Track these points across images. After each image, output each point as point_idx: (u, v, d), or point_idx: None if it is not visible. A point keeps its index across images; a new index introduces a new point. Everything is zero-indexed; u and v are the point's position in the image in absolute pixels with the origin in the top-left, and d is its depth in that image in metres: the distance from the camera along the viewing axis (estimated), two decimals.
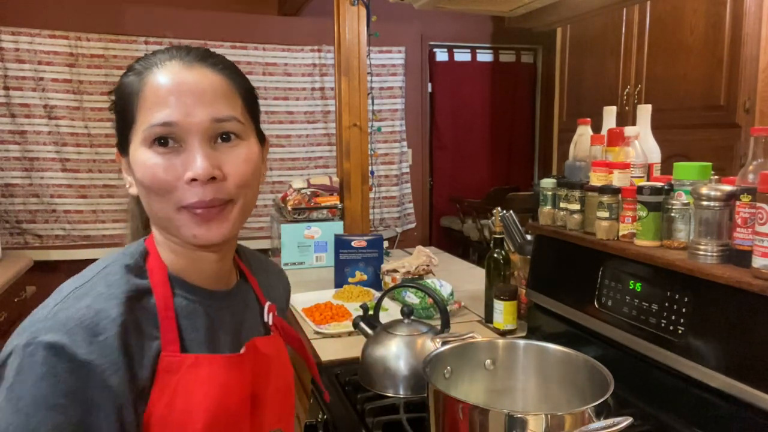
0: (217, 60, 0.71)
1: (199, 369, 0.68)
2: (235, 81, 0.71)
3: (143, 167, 0.66)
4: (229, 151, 0.68)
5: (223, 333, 0.74)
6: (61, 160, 3.54)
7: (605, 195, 1.18)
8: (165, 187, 0.66)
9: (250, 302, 0.82)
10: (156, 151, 0.66)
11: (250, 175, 0.70)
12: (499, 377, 1.03)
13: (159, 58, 0.68)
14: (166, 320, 0.68)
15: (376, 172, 4.13)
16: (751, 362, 0.88)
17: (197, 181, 0.65)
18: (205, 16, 3.75)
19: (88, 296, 0.64)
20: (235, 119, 0.69)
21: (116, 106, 0.71)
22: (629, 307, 1.12)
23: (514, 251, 1.72)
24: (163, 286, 0.70)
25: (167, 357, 0.66)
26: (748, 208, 0.91)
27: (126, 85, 0.69)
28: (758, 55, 2.46)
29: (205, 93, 0.67)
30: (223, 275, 0.77)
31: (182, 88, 0.66)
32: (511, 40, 4.71)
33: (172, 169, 0.66)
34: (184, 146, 0.66)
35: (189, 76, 0.67)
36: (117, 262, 0.70)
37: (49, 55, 3.45)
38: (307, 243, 2.45)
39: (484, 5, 1.91)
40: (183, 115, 0.65)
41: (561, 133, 3.86)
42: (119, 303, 0.65)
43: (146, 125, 0.66)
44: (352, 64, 2.54)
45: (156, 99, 0.66)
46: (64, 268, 3.47)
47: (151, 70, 0.67)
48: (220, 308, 0.75)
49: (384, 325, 1.26)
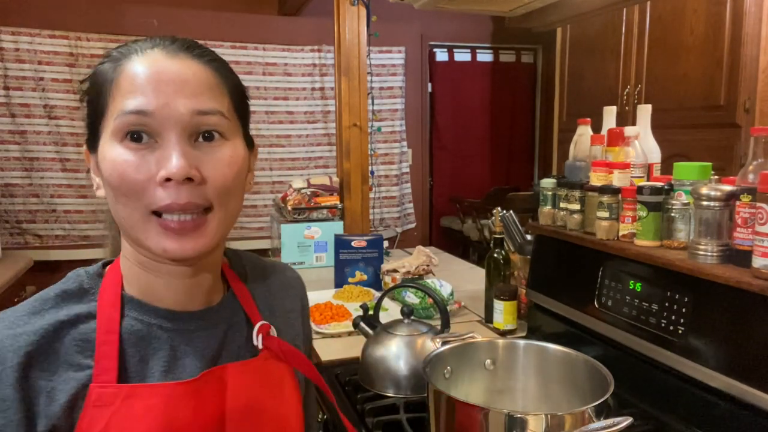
0: (204, 51, 0.64)
1: (135, 401, 0.59)
2: (224, 75, 0.64)
3: (112, 164, 0.58)
4: (210, 151, 0.61)
5: (192, 360, 0.65)
6: (61, 160, 3.54)
7: (605, 195, 1.18)
8: (134, 187, 0.58)
9: (237, 321, 0.71)
10: (127, 147, 0.58)
11: (232, 180, 0.62)
12: (499, 377, 1.03)
13: (140, 45, 0.61)
14: (104, 346, 0.60)
15: (376, 172, 4.14)
16: (751, 362, 0.88)
17: (171, 181, 0.57)
18: (205, 16, 3.75)
19: (1, 323, 0.59)
20: (219, 113, 0.61)
21: (88, 96, 0.63)
22: (629, 307, 1.12)
23: (514, 251, 1.72)
24: (111, 308, 0.62)
25: (97, 389, 0.58)
26: (748, 208, 0.91)
27: (100, 73, 0.61)
28: (758, 55, 2.46)
29: (187, 83, 0.59)
30: (197, 293, 0.67)
31: (162, 77, 0.59)
32: (511, 40, 4.71)
33: (144, 167, 0.58)
34: (160, 142, 0.58)
35: (171, 65, 0.60)
36: (54, 288, 0.63)
37: (49, 55, 3.45)
38: (307, 243, 2.45)
39: (484, 5, 1.91)
40: (160, 105, 0.58)
41: (561, 133, 3.86)
42: (31, 331, 0.58)
43: (117, 113, 0.58)
44: (352, 64, 2.54)
45: (131, 87, 0.58)
46: (64, 268, 3.42)
47: (130, 58, 0.60)
48: (187, 331, 0.66)
49: (384, 325, 1.26)
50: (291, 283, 0.83)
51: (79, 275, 0.66)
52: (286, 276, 0.83)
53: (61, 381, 0.58)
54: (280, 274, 0.82)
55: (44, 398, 0.57)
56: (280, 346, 0.72)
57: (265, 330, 0.72)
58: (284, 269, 0.85)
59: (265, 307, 0.76)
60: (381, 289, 1.97)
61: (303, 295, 0.85)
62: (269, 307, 0.77)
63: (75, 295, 0.63)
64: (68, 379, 0.58)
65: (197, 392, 0.63)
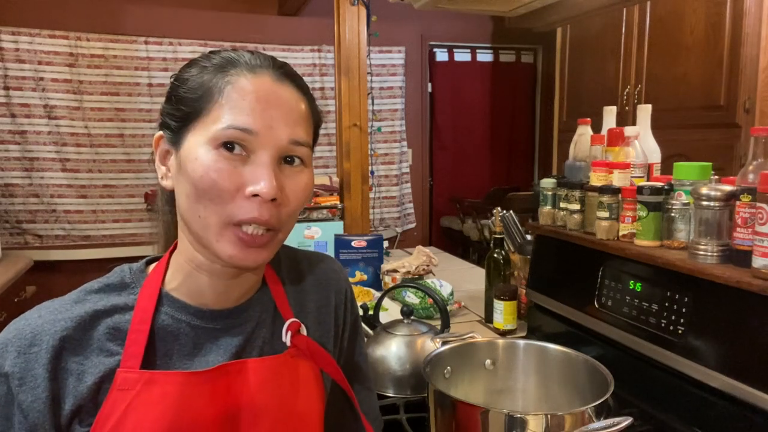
0: (301, 81, 0.69)
1: (154, 387, 0.63)
2: (313, 107, 0.70)
3: (204, 168, 0.61)
4: (292, 175, 0.65)
5: (215, 356, 0.68)
6: (61, 160, 3.54)
7: (605, 195, 1.18)
8: (222, 195, 0.61)
9: (266, 318, 0.73)
10: (222, 155, 0.62)
11: (302, 205, 0.67)
12: (499, 377, 1.03)
13: (248, 60, 0.65)
14: (135, 335, 0.64)
15: (376, 172, 4.14)
16: (751, 362, 0.88)
17: (259, 197, 0.61)
18: (205, 16, 3.75)
19: (45, 308, 0.64)
20: (308, 146, 0.67)
21: (183, 93, 0.65)
22: (629, 307, 1.12)
23: (514, 251, 1.72)
24: (147, 302, 0.66)
25: (122, 373, 0.62)
26: (748, 208, 0.91)
27: (205, 77, 0.64)
28: (758, 55, 2.46)
29: (291, 112, 0.65)
30: (234, 291, 0.71)
31: (271, 101, 0.63)
32: (511, 40, 4.71)
33: (236, 177, 0.62)
34: (253, 158, 0.62)
35: (280, 91, 0.65)
36: (98, 281, 0.68)
37: (49, 55, 3.45)
38: (307, 243, 2.45)
39: (484, 5, 1.91)
40: (265, 128, 0.62)
41: (561, 133, 3.86)
42: (70, 317, 0.63)
43: (222, 125, 0.62)
44: (352, 64, 2.54)
45: (241, 102, 0.62)
46: (64, 268, 3.48)
47: (240, 72, 0.64)
48: (214, 330, 0.69)
49: (384, 325, 1.26)
50: (327, 276, 0.83)
51: (122, 270, 0.70)
52: (320, 269, 0.83)
53: (92, 365, 0.62)
54: (315, 267, 0.82)
55: (73, 379, 0.62)
56: (308, 345, 0.74)
57: (294, 327, 0.73)
58: (320, 261, 0.84)
59: (296, 303, 0.77)
60: (381, 289, 1.97)
61: (339, 288, 0.83)
62: (300, 303, 0.78)
63: (116, 288, 0.67)
64: (98, 363, 0.63)
65: (212, 383, 0.65)
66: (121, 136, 3.65)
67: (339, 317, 0.82)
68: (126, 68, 3.60)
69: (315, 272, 0.82)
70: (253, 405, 0.67)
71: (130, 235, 3.72)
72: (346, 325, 0.84)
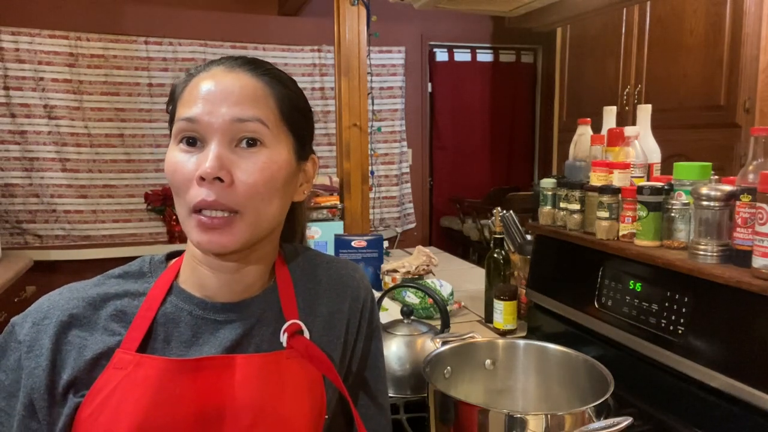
0: (260, 66, 0.70)
1: (139, 369, 0.65)
2: (273, 86, 0.69)
3: (169, 164, 0.67)
4: (247, 156, 0.65)
5: (210, 348, 0.69)
6: (61, 160, 3.54)
7: (605, 195, 1.18)
8: (180, 185, 0.66)
9: (268, 316, 0.73)
10: (180, 149, 0.66)
11: (263, 185, 0.66)
12: (499, 377, 1.04)
13: (211, 63, 0.70)
14: (139, 320, 0.68)
15: (376, 172, 4.14)
16: (751, 362, 0.88)
17: (205, 180, 0.63)
18: (205, 16, 3.75)
19: (68, 288, 0.70)
20: (258, 120, 0.66)
21: (167, 106, 0.73)
22: (629, 307, 1.12)
23: (514, 251, 1.72)
24: (158, 291, 0.70)
25: (120, 353, 0.66)
26: (748, 208, 0.91)
27: (175, 87, 0.71)
28: (758, 55, 2.46)
29: (232, 93, 0.66)
30: (238, 286, 0.72)
31: (213, 89, 0.66)
32: (511, 40, 4.71)
33: (188, 166, 0.65)
34: (206, 146, 0.65)
35: (224, 79, 0.67)
36: (120, 268, 0.73)
37: (49, 55, 3.45)
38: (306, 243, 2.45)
39: (484, 5, 1.92)
40: (206, 114, 0.65)
41: (561, 133, 3.86)
42: (83, 297, 0.68)
43: (175, 122, 0.67)
44: (352, 64, 2.54)
45: (190, 98, 0.67)
46: (64, 268, 3.47)
47: (199, 74, 0.68)
48: (215, 321, 0.70)
49: (384, 325, 1.26)
50: (343, 282, 0.81)
51: (143, 261, 0.74)
52: (339, 275, 0.81)
53: (94, 341, 0.66)
54: (333, 273, 0.81)
55: (75, 352, 0.66)
56: (307, 348, 0.72)
57: (293, 329, 0.72)
58: (341, 267, 0.83)
59: (306, 305, 0.76)
60: (381, 289, 1.97)
61: (356, 296, 0.81)
62: (310, 306, 0.77)
63: (133, 276, 0.72)
64: (100, 341, 0.66)
65: (194, 373, 0.66)
66: (121, 136, 3.65)
67: (352, 326, 0.80)
68: (126, 68, 3.60)
69: (332, 277, 0.81)
70: (234, 401, 0.67)
71: (130, 235, 3.72)
72: (360, 334, 0.82)
